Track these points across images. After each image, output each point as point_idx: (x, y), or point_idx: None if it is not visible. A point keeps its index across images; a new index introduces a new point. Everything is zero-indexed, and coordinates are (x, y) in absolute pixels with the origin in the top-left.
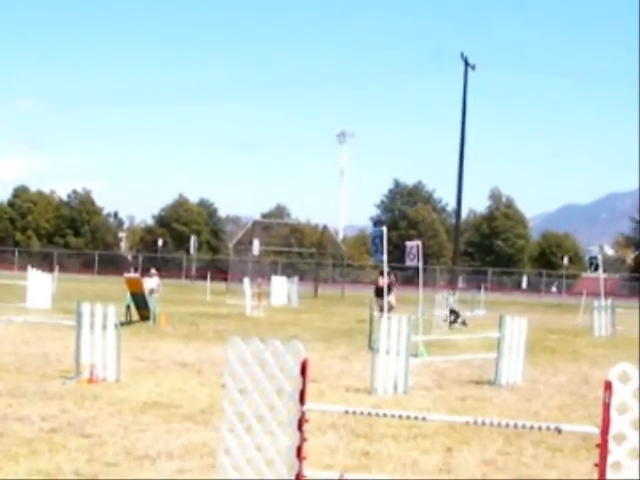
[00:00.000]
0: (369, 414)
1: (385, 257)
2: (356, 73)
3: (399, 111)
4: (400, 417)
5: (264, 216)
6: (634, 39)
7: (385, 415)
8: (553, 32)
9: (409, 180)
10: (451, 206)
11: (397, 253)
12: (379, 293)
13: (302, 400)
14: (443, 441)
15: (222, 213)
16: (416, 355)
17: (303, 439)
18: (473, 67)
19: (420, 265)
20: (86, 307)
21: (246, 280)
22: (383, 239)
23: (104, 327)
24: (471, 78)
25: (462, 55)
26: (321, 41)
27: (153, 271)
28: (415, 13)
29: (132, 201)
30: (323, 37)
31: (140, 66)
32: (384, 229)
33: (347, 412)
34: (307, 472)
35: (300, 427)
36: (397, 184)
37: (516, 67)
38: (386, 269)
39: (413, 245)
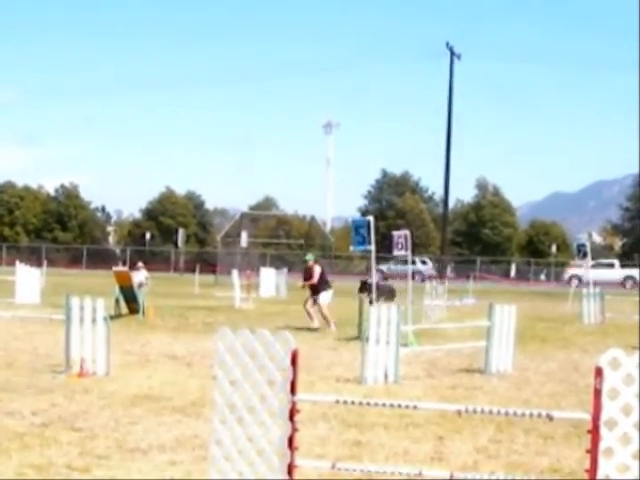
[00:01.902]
0: (360, 404)
1: (373, 247)
2: (341, 63)
3: (385, 101)
4: (392, 406)
5: (252, 208)
6: (623, 24)
7: (377, 404)
8: (539, 19)
9: (396, 170)
10: (438, 195)
11: (385, 243)
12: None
13: (293, 390)
14: (434, 430)
15: (209, 205)
16: (406, 345)
17: (295, 429)
18: (459, 56)
19: (409, 255)
20: (75, 301)
21: (235, 272)
22: (370, 229)
23: (93, 321)
24: (457, 67)
25: (447, 44)
26: (306, 31)
27: (140, 264)
28: (401, 2)
29: (119, 195)
30: (307, 27)
31: (127, 57)
32: (370, 218)
33: (338, 402)
34: (299, 462)
35: (292, 417)
36: (385, 174)
37: (502, 56)
38: (374, 260)
39: (401, 234)
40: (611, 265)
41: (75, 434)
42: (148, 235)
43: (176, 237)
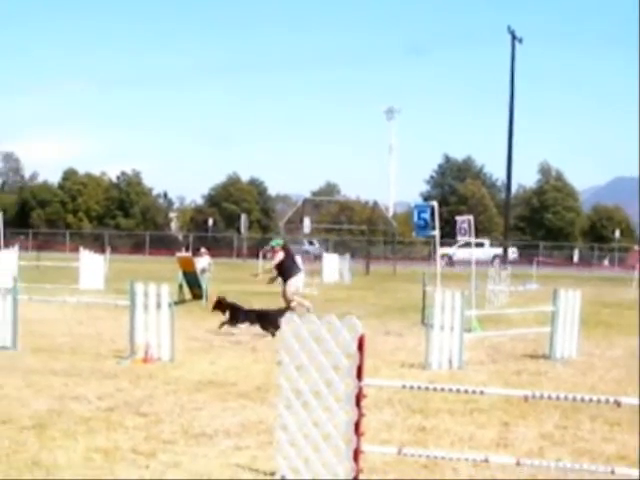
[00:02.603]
0: (427, 389)
1: (437, 232)
2: (403, 48)
3: (448, 86)
4: (458, 391)
5: (314, 194)
6: None
7: (443, 390)
8: (601, 3)
9: (459, 155)
10: (501, 181)
11: (447, 228)
12: None
13: (359, 376)
14: (499, 415)
15: (272, 192)
16: (469, 330)
17: (361, 415)
18: (520, 40)
19: (472, 240)
20: (140, 287)
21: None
22: (435, 214)
23: (158, 307)
24: (519, 52)
25: (509, 28)
26: (368, 17)
27: (203, 250)
28: None
29: (181, 182)
30: (369, 13)
31: (191, 45)
32: (434, 204)
33: (405, 387)
34: (365, 447)
35: (358, 403)
36: (447, 159)
37: (563, 40)
38: (438, 246)
39: (464, 220)
40: None
41: (140, 419)
42: (211, 221)
43: (239, 223)
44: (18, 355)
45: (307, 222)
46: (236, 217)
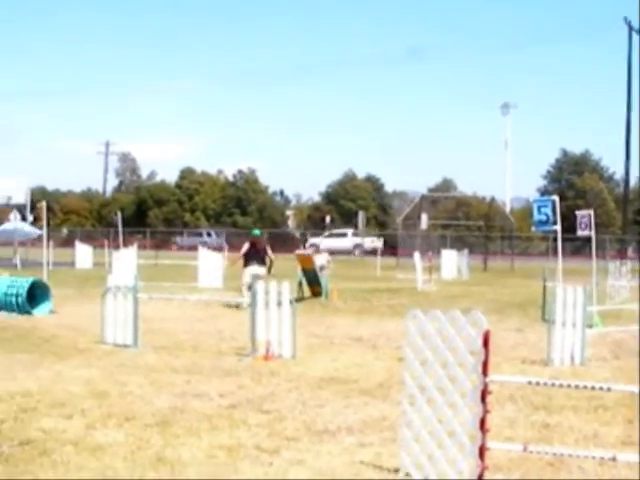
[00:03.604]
0: (552, 385)
1: (559, 227)
2: (518, 42)
3: (563, 79)
4: (585, 388)
5: (430, 190)
6: None
7: (569, 386)
8: None
9: (576, 149)
10: (619, 175)
11: (565, 223)
12: None
13: (485, 372)
14: (624, 413)
15: (389, 188)
16: (591, 326)
17: (486, 411)
18: (638, 31)
19: (593, 235)
20: (260, 285)
21: (416, 254)
22: (555, 209)
23: (279, 304)
24: (636, 43)
25: (626, 20)
26: (479, 11)
27: (322, 247)
28: None
29: (298, 179)
30: (483, 6)
31: (302, 41)
32: (555, 198)
33: (530, 383)
34: (490, 444)
35: (483, 399)
36: (564, 153)
37: None
38: (560, 241)
39: (585, 214)
40: None
41: (263, 416)
42: (328, 218)
43: (356, 220)
44: (139, 353)
45: (424, 218)
46: (353, 214)
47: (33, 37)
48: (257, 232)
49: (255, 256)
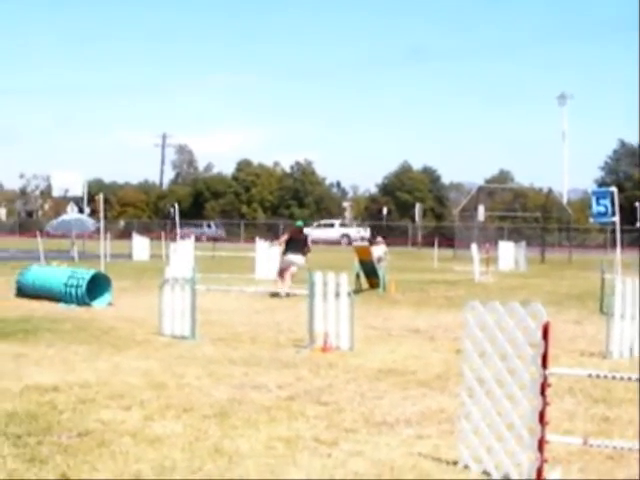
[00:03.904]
0: (613, 378)
1: (618, 218)
2: (572, 33)
3: (620, 69)
4: None
5: (487, 181)
6: None
7: (629, 379)
8: None
9: (634, 140)
10: None
11: (623, 215)
12: None
13: (545, 364)
14: None
15: (445, 180)
16: None
17: (546, 404)
18: None
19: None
20: (319, 276)
21: (474, 246)
22: (614, 200)
23: (337, 296)
24: None
25: None
26: (537, 1)
27: (379, 239)
28: None
29: (355, 171)
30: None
31: (366, 34)
32: (614, 189)
33: (590, 376)
34: (549, 437)
35: (543, 392)
36: (622, 144)
37: None
38: (618, 232)
39: None
40: None
41: (321, 408)
42: (385, 210)
43: (413, 212)
44: (197, 345)
45: (481, 210)
46: (410, 206)
47: (92, 31)
48: (300, 223)
49: (294, 245)
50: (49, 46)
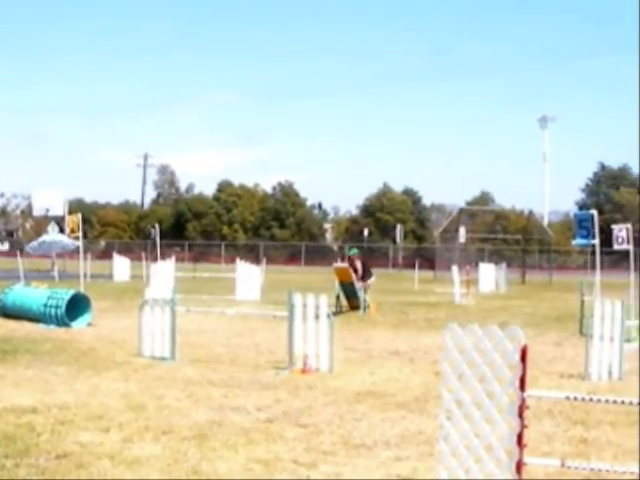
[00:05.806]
0: (591, 400)
1: (597, 241)
2: (557, 55)
3: (602, 93)
4: (623, 402)
5: (468, 203)
6: None
7: (607, 401)
8: None
9: (614, 163)
10: None
11: (603, 237)
12: None
13: (522, 387)
14: None
15: (426, 201)
16: (629, 340)
17: (524, 426)
18: None
19: (631, 248)
20: (298, 298)
21: (454, 268)
22: (594, 223)
23: (316, 317)
24: None
25: None
26: (517, 27)
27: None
28: None
29: (335, 192)
30: (519, 21)
31: (339, 57)
32: (594, 212)
33: (568, 398)
34: (527, 459)
35: (521, 414)
36: (602, 167)
37: None
38: (598, 255)
39: (622, 228)
40: None
41: (300, 430)
42: (366, 231)
43: (394, 233)
44: (177, 366)
45: (462, 232)
46: (391, 227)
47: (72, 51)
48: (353, 252)
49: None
50: (31, 64)
